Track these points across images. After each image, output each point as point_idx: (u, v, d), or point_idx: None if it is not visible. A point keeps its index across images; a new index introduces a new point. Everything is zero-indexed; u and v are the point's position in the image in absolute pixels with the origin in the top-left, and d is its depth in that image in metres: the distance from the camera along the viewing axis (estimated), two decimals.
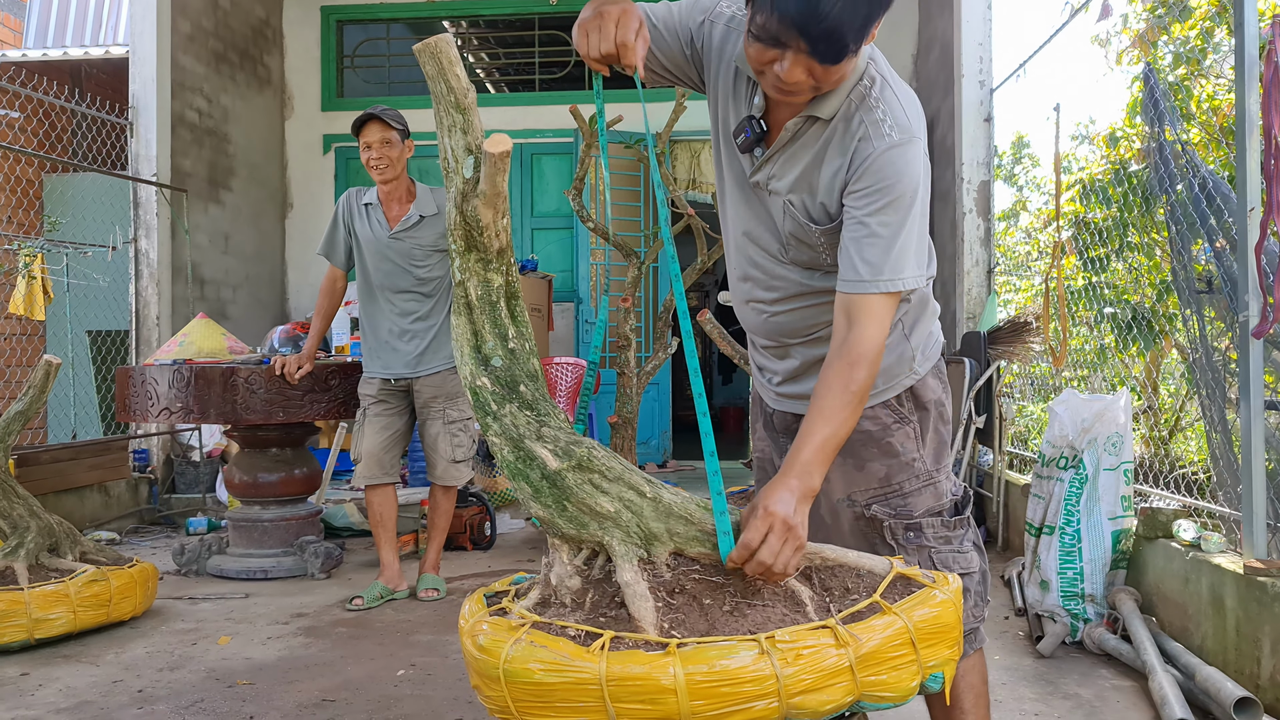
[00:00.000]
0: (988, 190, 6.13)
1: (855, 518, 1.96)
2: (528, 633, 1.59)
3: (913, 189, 1.70)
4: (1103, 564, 3.64)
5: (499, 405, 1.68)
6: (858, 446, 1.94)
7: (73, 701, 3.11)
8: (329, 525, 5.69)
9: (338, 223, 4.39)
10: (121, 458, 6.16)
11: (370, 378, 4.34)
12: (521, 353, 1.75)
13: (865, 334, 1.70)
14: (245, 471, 4.83)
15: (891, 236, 1.70)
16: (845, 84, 1.73)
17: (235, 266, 7.61)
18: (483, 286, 1.73)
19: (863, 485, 1.95)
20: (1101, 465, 3.70)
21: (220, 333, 4.92)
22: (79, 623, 3.71)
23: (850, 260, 1.72)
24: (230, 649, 3.63)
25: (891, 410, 1.96)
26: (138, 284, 6.53)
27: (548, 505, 1.64)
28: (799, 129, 1.78)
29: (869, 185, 1.70)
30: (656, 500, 1.65)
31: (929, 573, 1.77)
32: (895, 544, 1.94)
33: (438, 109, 1.65)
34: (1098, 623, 3.55)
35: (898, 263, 1.70)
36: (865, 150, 1.70)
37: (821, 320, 1.92)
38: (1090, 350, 5.55)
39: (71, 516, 5.66)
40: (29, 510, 3.81)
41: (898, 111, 1.72)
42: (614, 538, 1.65)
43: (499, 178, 1.62)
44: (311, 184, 8.45)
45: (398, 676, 3.30)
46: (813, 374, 1.96)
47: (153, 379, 4.48)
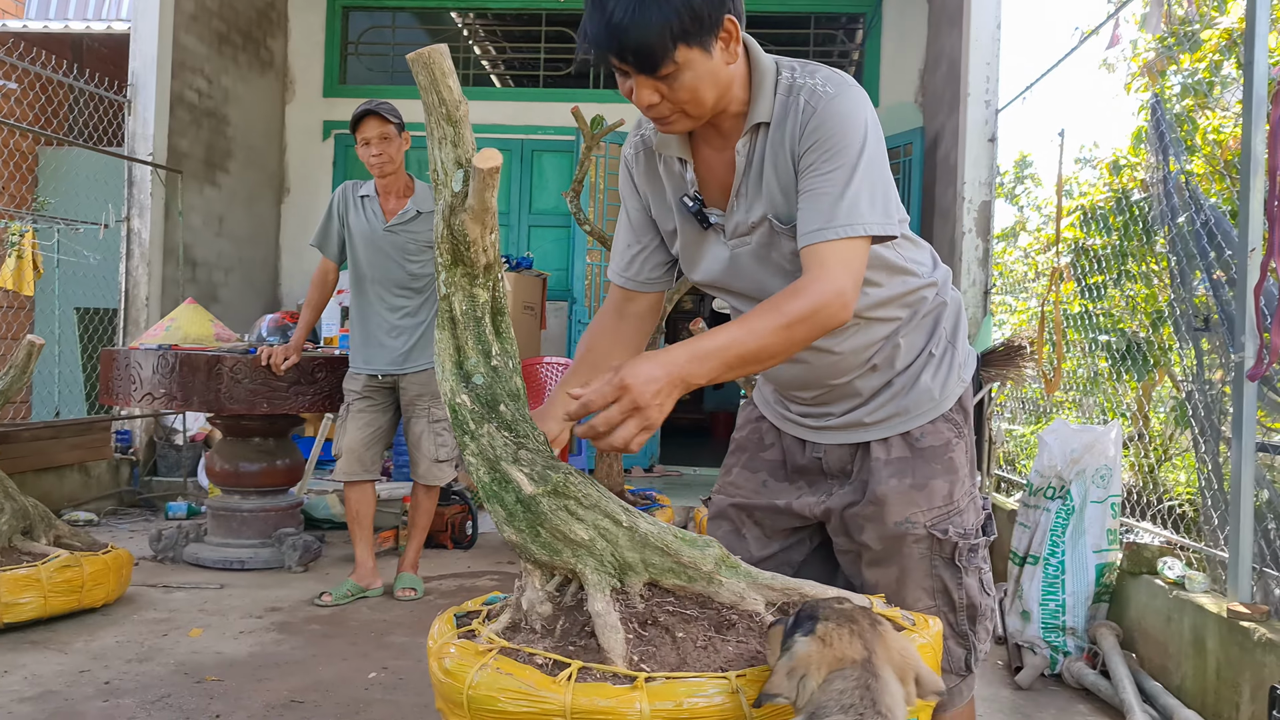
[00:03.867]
0: (988, 211, 6.10)
1: (916, 541, 1.86)
2: (494, 658, 1.55)
3: (858, 134, 1.62)
4: (1085, 597, 3.61)
5: (477, 424, 1.64)
6: (920, 463, 1.86)
7: (37, 690, 3.06)
8: (310, 516, 5.64)
9: (332, 214, 4.35)
10: (104, 438, 6.10)
11: (356, 373, 4.30)
12: (504, 370, 1.71)
13: (815, 276, 1.59)
14: (227, 460, 4.78)
15: (843, 184, 1.61)
16: (763, 84, 1.69)
17: (228, 250, 7.55)
18: (468, 301, 1.69)
19: (925, 505, 1.85)
20: (1089, 497, 3.67)
21: (208, 319, 4.87)
22: (50, 608, 3.66)
23: (805, 216, 1.64)
24: (201, 642, 3.59)
25: (951, 424, 1.89)
26: (128, 263, 6.47)
27: (521, 530, 1.60)
28: (749, 145, 1.72)
29: (813, 144, 1.64)
30: (633, 530, 1.62)
31: (909, 615, 1.74)
32: (962, 567, 1.87)
33: (429, 120, 1.61)
34: (1077, 656, 3.53)
35: (852, 208, 1.60)
36: (808, 118, 1.65)
37: (876, 338, 1.85)
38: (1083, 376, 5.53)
39: (50, 496, 5.61)
40: (3, 492, 3.76)
41: (827, 72, 1.68)
42: (587, 566, 1.61)
43: (487, 193, 1.59)
44: (310, 169, 8.39)
45: (369, 679, 3.26)
46: (879, 399, 1.89)
47: (137, 363, 4.43)
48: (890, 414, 1.89)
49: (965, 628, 1.92)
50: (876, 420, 1.90)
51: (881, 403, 1.89)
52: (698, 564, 1.64)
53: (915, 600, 1.90)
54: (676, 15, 1.54)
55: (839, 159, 1.62)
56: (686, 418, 10.37)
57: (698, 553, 1.65)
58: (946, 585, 1.89)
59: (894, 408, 1.88)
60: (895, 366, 1.88)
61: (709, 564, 1.65)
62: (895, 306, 1.85)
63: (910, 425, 1.89)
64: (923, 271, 1.87)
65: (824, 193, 1.62)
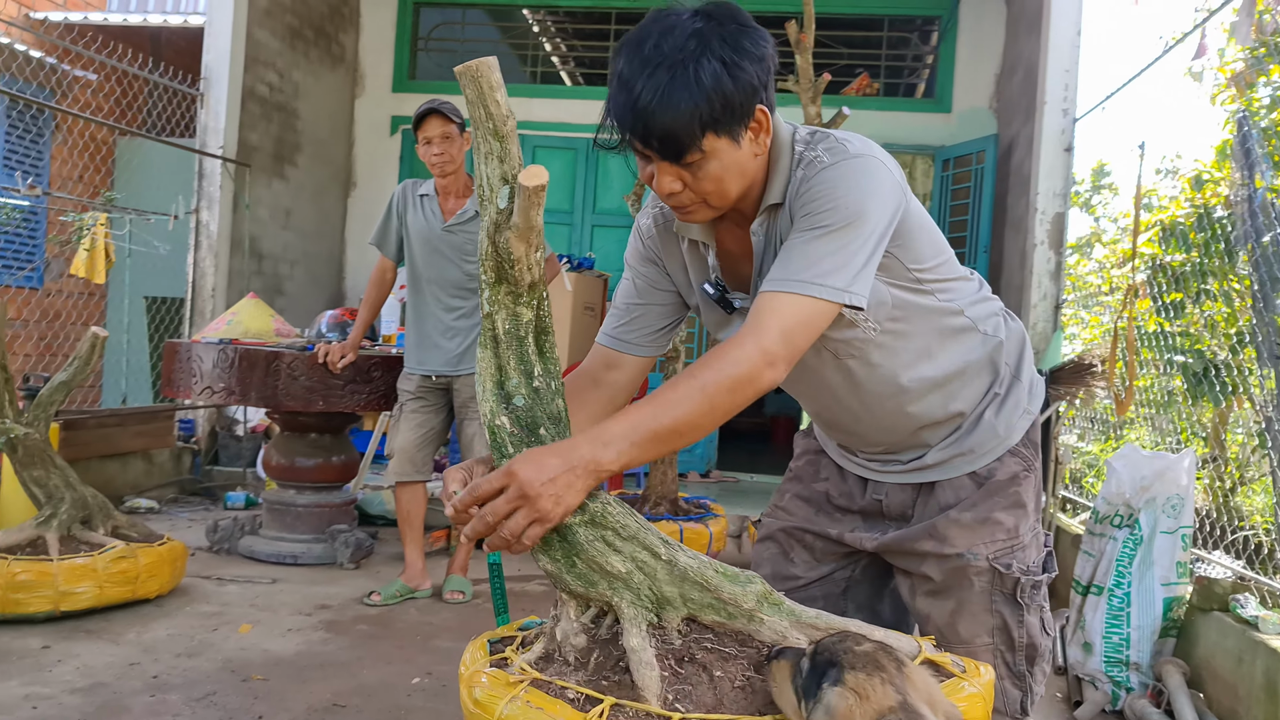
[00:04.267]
0: (1062, 223, 5.92)
1: (977, 574, 1.78)
2: (525, 690, 1.51)
3: (844, 201, 1.49)
4: (1151, 631, 3.47)
5: (516, 449, 1.59)
6: (985, 497, 1.79)
7: (88, 682, 3.10)
8: (364, 512, 5.68)
9: (391, 213, 4.35)
10: (167, 426, 6.20)
11: (410, 373, 4.29)
12: (546, 392, 1.66)
13: (741, 334, 1.47)
14: (283, 455, 4.81)
15: (812, 243, 1.48)
16: (779, 162, 1.59)
17: (294, 242, 7.64)
18: (511, 320, 1.64)
19: (988, 538, 1.77)
20: (1159, 527, 3.53)
21: (269, 314, 4.91)
22: (105, 598, 3.71)
23: (770, 270, 1.54)
24: (250, 638, 3.61)
25: (1020, 458, 1.81)
26: (196, 254, 6.57)
27: (556, 560, 1.55)
28: (765, 226, 1.64)
29: (800, 208, 1.54)
30: (672, 563, 1.56)
31: (959, 661, 1.66)
32: (1024, 604, 1.79)
33: (476, 134, 1.56)
34: (1141, 693, 3.39)
35: (811, 266, 1.47)
36: (803, 186, 1.55)
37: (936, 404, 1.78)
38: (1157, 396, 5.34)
39: (114, 482, 5.72)
40: (65, 481, 3.81)
41: (831, 142, 1.57)
42: (623, 599, 1.55)
43: (533, 212, 1.54)
44: (376, 164, 8.46)
45: (412, 685, 3.24)
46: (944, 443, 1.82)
47: (198, 356, 4.47)
48: (955, 454, 1.82)
49: (1023, 668, 1.83)
50: (941, 461, 1.83)
51: (946, 445, 1.82)
52: (738, 600, 1.58)
53: (972, 636, 1.82)
54: (707, 102, 1.45)
55: (817, 222, 1.52)
56: (746, 421, 10.27)
57: (739, 589, 1.58)
58: (1007, 622, 1.80)
59: (959, 448, 1.82)
60: (963, 414, 1.81)
61: (750, 601, 1.58)
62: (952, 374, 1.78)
63: (976, 465, 1.82)
64: (975, 316, 1.78)
65: (791, 248, 1.53)
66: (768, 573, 2.01)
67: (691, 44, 1.45)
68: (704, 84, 1.44)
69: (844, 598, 2.01)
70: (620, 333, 1.83)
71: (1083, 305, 6.72)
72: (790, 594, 1.99)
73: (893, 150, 7.91)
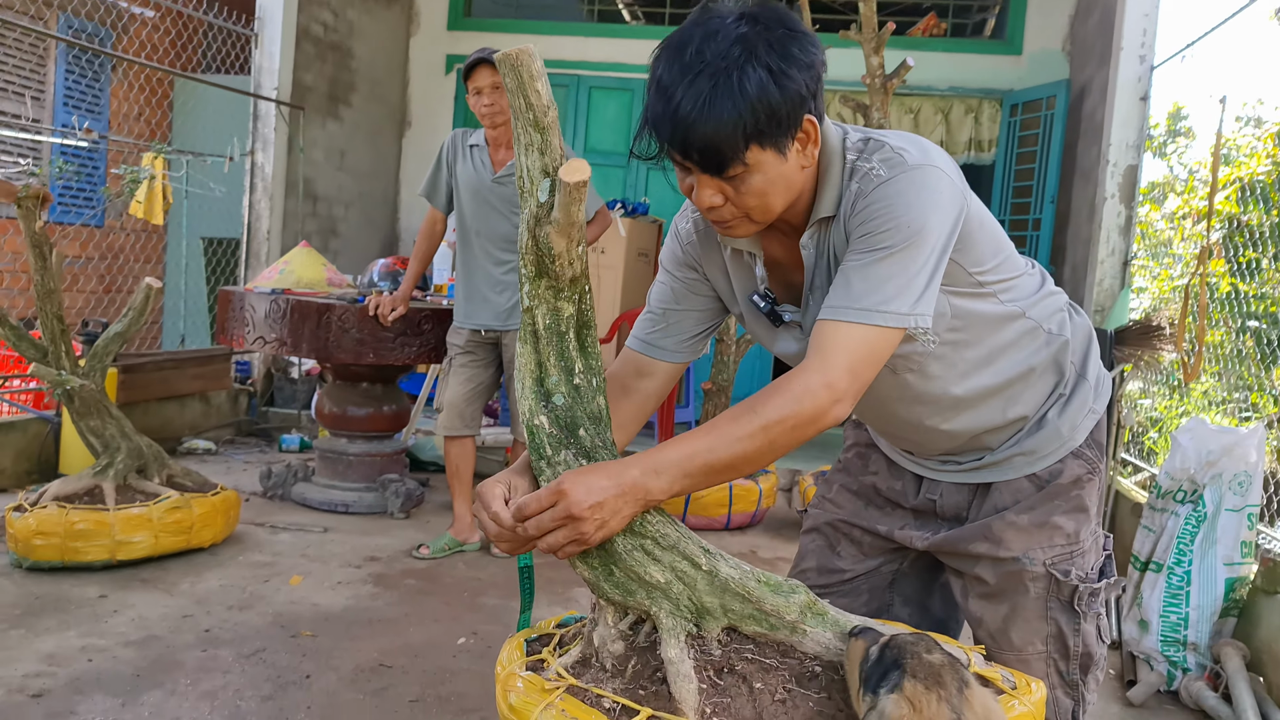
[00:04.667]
0: (1134, 176, 5.70)
1: (1033, 580, 1.71)
2: (560, 698, 1.48)
3: (904, 219, 1.41)
4: (1211, 612, 3.38)
5: (554, 450, 1.55)
6: (1045, 500, 1.72)
7: (142, 634, 3.16)
8: (415, 458, 5.72)
9: (441, 164, 4.29)
10: (224, 369, 6.27)
11: (459, 327, 4.27)
12: (587, 390, 1.61)
13: (806, 366, 1.42)
14: (335, 403, 4.84)
15: (874, 265, 1.42)
16: (830, 173, 1.50)
17: (349, 184, 7.62)
18: (551, 315, 1.59)
19: (1046, 543, 1.71)
20: (1224, 505, 3.41)
21: (321, 263, 4.90)
22: (160, 547, 3.78)
23: (829, 294, 1.47)
24: (300, 591, 3.66)
25: (1084, 460, 1.74)
26: (251, 197, 6.58)
27: (594, 568, 1.51)
28: (817, 239, 1.55)
29: (857, 228, 1.46)
30: (712, 574, 1.51)
31: (1010, 675, 1.60)
32: (1081, 612, 1.72)
33: (516, 125, 1.50)
34: (1198, 675, 3.31)
35: (875, 291, 1.41)
36: (858, 203, 1.47)
37: (996, 411, 1.71)
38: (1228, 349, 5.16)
39: (172, 424, 5.81)
40: (120, 431, 3.86)
41: (887, 152, 1.47)
42: (662, 609, 1.52)
43: (574, 207, 1.47)
44: (431, 103, 8.38)
45: (457, 645, 3.27)
46: (1005, 445, 1.75)
47: (251, 305, 4.49)
48: (1015, 454, 1.75)
49: (1076, 677, 1.77)
50: (1000, 461, 1.76)
51: (1007, 447, 1.75)
52: (781, 612, 1.53)
53: (1025, 644, 1.76)
54: (751, 113, 1.37)
55: (877, 243, 1.44)
56: None
57: (781, 600, 1.54)
58: (1062, 630, 1.74)
59: (1019, 449, 1.74)
60: (1025, 418, 1.73)
61: (793, 613, 1.54)
62: (1014, 378, 1.70)
63: (1037, 467, 1.74)
64: (1039, 315, 1.69)
65: (850, 270, 1.45)
66: (813, 565, 1.96)
67: (736, 50, 1.37)
68: (748, 93, 1.36)
69: (890, 590, 1.96)
70: (654, 338, 1.76)
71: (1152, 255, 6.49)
72: (835, 588, 1.95)
73: (959, 94, 7.67)
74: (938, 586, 1.97)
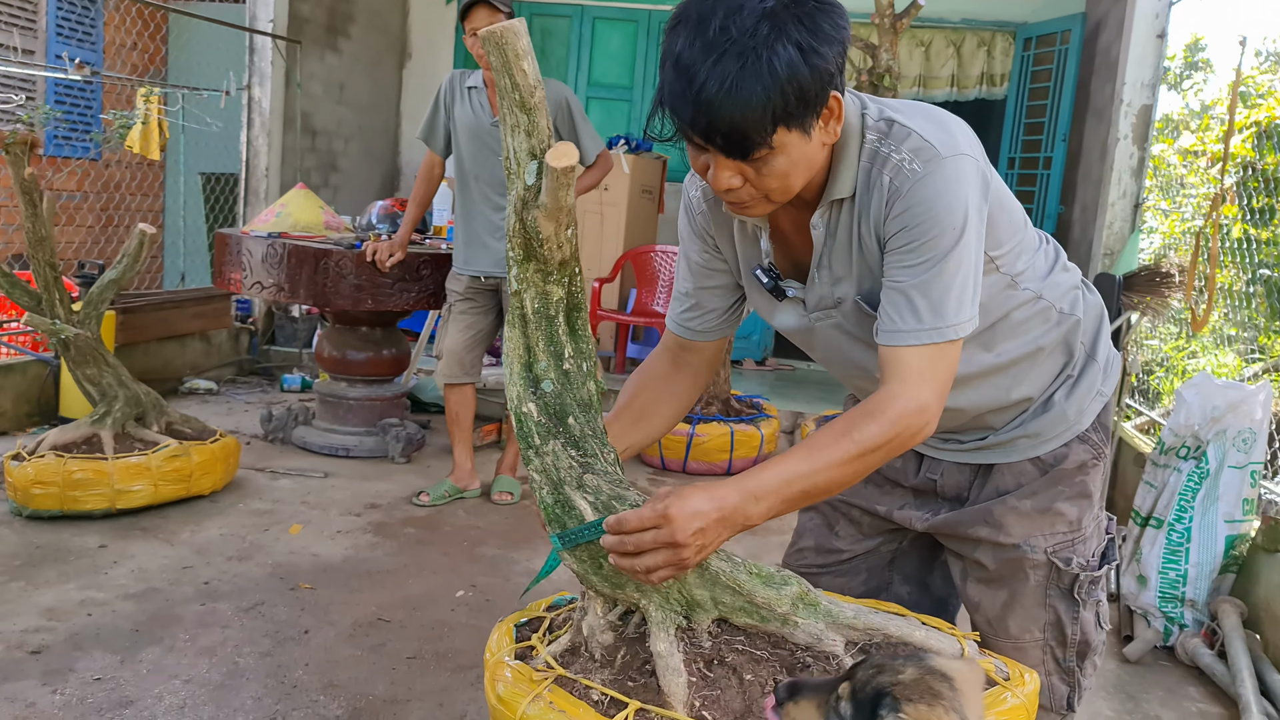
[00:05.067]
0: (1148, 116, 5.56)
1: (1034, 567, 1.69)
2: (548, 690, 1.47)
3: (949, 221, 1.39)
4: (1210, 569, 3.37)
5: (543, 439, 1.52)
6: (1048, 485, 1.69)
7: (141, 587, 3.17)
8: (416, 399, 5.71)
9: (438, 106, 4.20)
10: (224, 307, 6.23)
11: (459, 273, 4.22)
12: (577, 375, 1.57)
13: (893, 391, 1.42)
14: (334, 347, 4.81)
15: (930, 281, 1.40)
16: (846, 152, 1.44)
17: (348, 117, 7.49)
18: (540, 299, 1.54)
19: (1048, 530, 1.68)
20: (1227, 461, 3.39)
21: (318, 205, 4.83)
22: (159, 495, 3.78)
23: (886, 311, 1.45)
24: (299, 540, 3.67)
25: (1089, 445, 1.70)
26: (249, 133, 6.47)
27: (583, 560, 1.49)
28: (828, 219, 1.50)
29: (900, 229, 1.41)
30: (703, 567, 1.49)
31: (1003, 666, 1.59)
32: (1080, 600, 1.70)
33: (502, 104, 1.44)
34: (1194, 631, 3.32)
35: (938, 309, 1.40)
36: (893, 200, 1.41)
37: (1003, 389, 1.66)
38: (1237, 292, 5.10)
39: (173, 364, 5.80)
40: (118, 379, 3.84)
41: (916, 141, 1.41)
42: (651, 602, 1.50)
43: (562, 193, 1.42)
44: (432, 34, 8.21)
45: (456, 598, 3.28)
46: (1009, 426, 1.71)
47: (248, 250, 4.44)
48: (1019, 436, 1.70)
49: (1073, 664, 1.76)
50: (1003, 442, 1.71)
51: (1011, 428, 1.70)
52: (772, 604, 1.52)
53: (1022, 632, 1.74)
54: (781, 95, 1.29)
55: (927, 251, 1.39)
56: None
57: (773, 592, 1.52)
58: (1061, 618, 1.72)
59: (1024, 431, 1.70)
60: (1030, 399, 1.69)
61: (785, 605, 1.52)
62: (1020, 358, 1.65)
63: (1041, 450, 1.70)
64: (1052, 295, 1.63)
65: (909, 288, 1.41)
66: (810, 545, 1.94)
67: (764, 27, 1.27)
68: (778, 74, 1.28)
69: (890, 569, 1.94)
70: (686, 321, 1.74)
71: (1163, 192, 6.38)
72: (833, 567, 1.93)
73: (971, 26, 7.48)
74: (938, 564, 1.94)
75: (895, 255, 1.43)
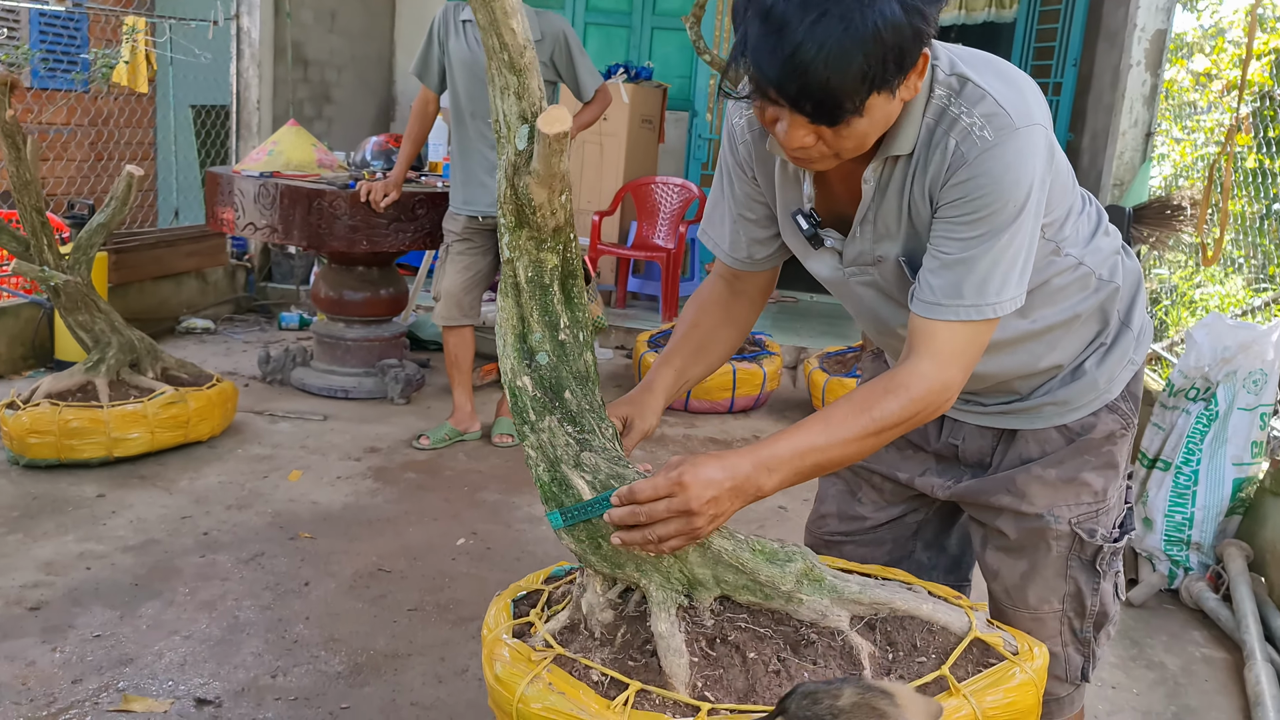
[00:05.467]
0: (1162, 41, 5.40)
1: (1056, 538, 1.64)
2: (547, 670, 1.44)
3: (1011, 197, 1.32)
4: (1217, 512, 3.34)
5: (538, 415, 1.47)
6: (1074, 454, 1.62)
7: (140, 539, 3.15)
8: (416, 337, 5.65)
9: (432, 39, 4.07)
10: (219, 244, 6.15)
11: (455, 213, 4.13)
12: (573, 346, 1.52)
13: (920, 368, 1.37)
14: (331, 287, 4.74)
15: (980, 256, 1.34)
16: (911, 108, 1.34)
17: (341, 46, 7.31)
18: (534, 268, 1.48)
19: (1073, 500, 1.62)
20: (1236, 403, 3.34)
21: (310, 143, 4.72)
22: (157, 443, 3.75)
23: (926, 280, 1.39)
24: (299, 488, 3.64)
25: (1118, 415, 1.63)
26: (239, 64, 6.31)
27: (580, 540, 1.45)
28: (880, 174, 1.41)
29: (957, 198, 1.34)
30: (705, 545, 1.45)
31: (1012, 639, 1.55)
32: (1101, 571, 1.66)
33: (490, 65, 1.36)
34: (1199, 575, 3.30)
35: (982, 286, 1.35)
36: (956, 166, 1.33)
37: (1037, 354, 1.60)
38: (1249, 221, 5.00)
39: (169, 303, 5.74)
40: (110, 325, 3.78)
41: (990, 106, 1.32)
42: (652, 582, 1.46)
43: (554, 159, 1.35)
44: None
45: (456, 546, 3.26)
46: (1037, 392, 1.64)
47: (239, 190, 4.34)
48: (1046, 403, 1.64)
49: (1089, 635, 1.71)
50: (1029, 408, 1.65)
51: (1038, 394, 1.64)
52: (776, 582, 1.48)
53: (1040, 602, 1.69)
54: (880, 60, 1.19)
55: (982, 226, 1.32)
56: None
57: (777, 570, 1.48)
58: (1080, 589, 1.67)
59: (1051, 398, 1.63)
60: (1060, 366, 1.62)
61: (789, 582, 1.48)
62: (1055, 325, 1.58)
63: (1068, 418, 1.63)
64: (1093, 262, 1.55)
65: (955, 260, 1.34)
66: (833, 511, 1.89)
67: None
68: (882, 38, 1.17)
69: (914, 538, 1.89)
70: (734, 251, 1.68)
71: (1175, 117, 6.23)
72: (857, 535, 1.88)
73: None
74: (956, 526, 1.90)
75: (947, 224, 1.36)
